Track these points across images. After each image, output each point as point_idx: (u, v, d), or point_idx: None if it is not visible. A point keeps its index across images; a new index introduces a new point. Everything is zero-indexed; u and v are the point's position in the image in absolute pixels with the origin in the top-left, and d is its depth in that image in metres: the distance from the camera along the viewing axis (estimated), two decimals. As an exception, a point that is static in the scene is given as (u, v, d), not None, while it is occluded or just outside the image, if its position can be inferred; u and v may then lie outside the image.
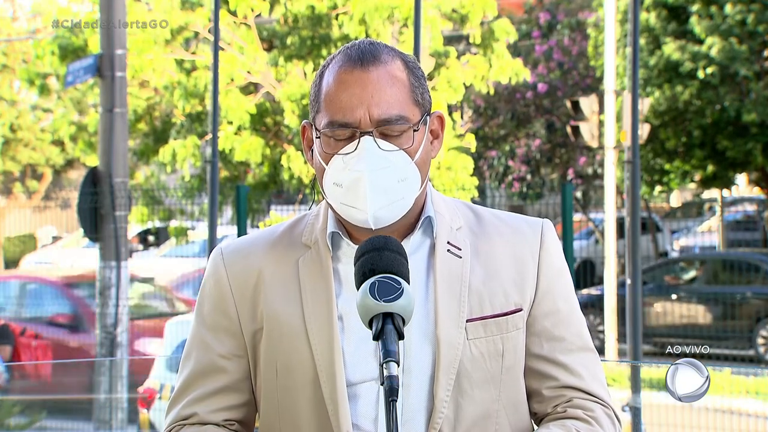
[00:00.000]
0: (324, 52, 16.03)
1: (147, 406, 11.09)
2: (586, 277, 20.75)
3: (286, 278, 2.61)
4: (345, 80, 2.53)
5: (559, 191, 10.25)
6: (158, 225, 17.80)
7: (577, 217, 23.74)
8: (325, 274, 2.58)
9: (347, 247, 2.60)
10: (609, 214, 17.90)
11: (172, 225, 17.25)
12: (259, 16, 16.73)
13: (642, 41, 20.47)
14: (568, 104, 19.25)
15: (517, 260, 2.62)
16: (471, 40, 16.73)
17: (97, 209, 11.32)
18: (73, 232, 30.00)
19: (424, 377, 2.53)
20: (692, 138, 21.33)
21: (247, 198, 11.55)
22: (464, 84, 16.32)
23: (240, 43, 16.40)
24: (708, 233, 27.10)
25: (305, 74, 16.22)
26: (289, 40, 16.35)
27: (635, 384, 8.37)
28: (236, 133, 16.21)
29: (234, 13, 16.06)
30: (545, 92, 24.68)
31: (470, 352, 2.54)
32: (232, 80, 16.18)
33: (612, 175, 17.82)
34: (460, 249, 2.60)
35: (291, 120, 15.69)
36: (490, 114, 25.56)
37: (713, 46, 19.78)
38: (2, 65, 32.96)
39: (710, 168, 21.92)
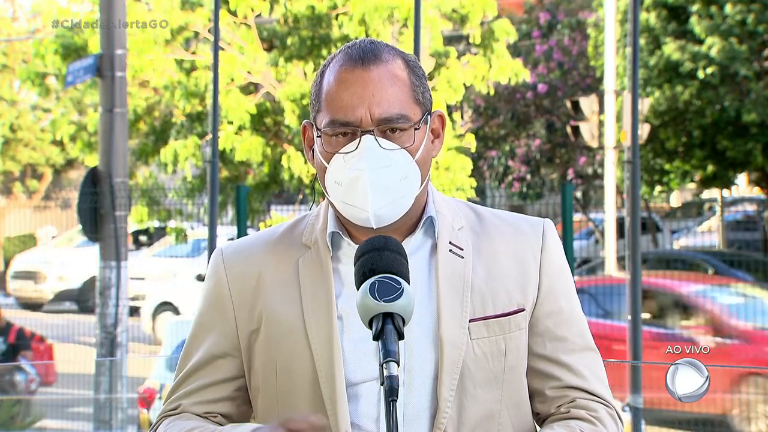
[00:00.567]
0: (324, 52, 16.03)
1: (147, 406, 11.09)
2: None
3: (286, 278, 2.61)
4: (346, 79, 2.53)
5: (559, 191, 10.24)
6: (156, 225, 17.80)
7: (577, 217, 23.74)
8: (325, 274, 2.58)
9: (347, 247, 2.60)
10: (609, 214, 17.92)
11: (171, 225, 17.24)
12: (259, 16, 16.73)
13: (642, 41, 20.47)
14: (568, 104, 19.27)
15: (519, 260, 2.62)
16: (471, 40, 16.73)
17: (97, 209, 11.32)
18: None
19: (427, 377, 2.53)
20: (692, 138, 21.34)
21: (247, 198, 11.54)
22: (464, 84, 16.31)
23: (240, 43, 16.40)
24: (708, 233, 27.10)
25: (305, 74, 16.22)
26: (289, 40, 16.34)
27: (635, 384, 8.37)
28: (236, 133, 16.20)
29: (234, 13, 16.05)
30: (545, 92, 24.68)
31: (473, 352, 2.54)
32: (232, 80, 16.17)
33: (612, 175, 17.84)
34: (462, 249, 2.60)
35: (291, 120, 15.69)
36: (490, 114, 25.57)
37: (713, 46, 19.79)
38: (2, 65, 32.98)
39: (710, 168, 21.93)
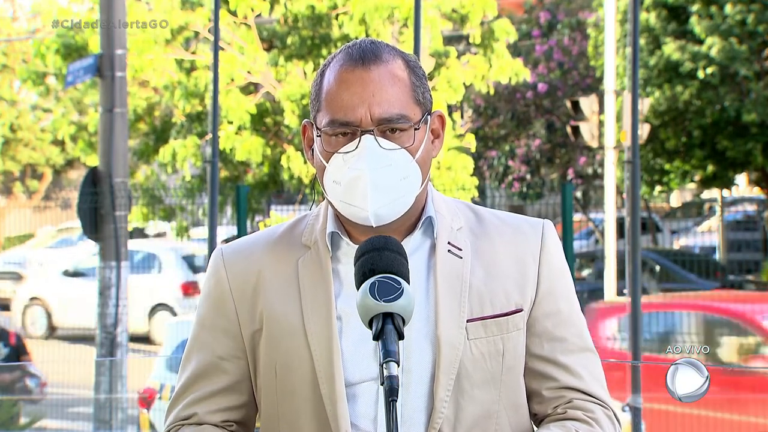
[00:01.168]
0: (324, 52, 16.04)
1: (147, 406, 11.09)
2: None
3: (285, 279, 2.61)
4: (346, 79, 2.53)
5: (559, 191, 10.24)
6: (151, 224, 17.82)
7: (577, 217, 23.74)
8: (324, 275, 2.58)
9: (347, 247, 2.60)
10: (609, 214, 17.91)
11: (173, 224, 17.26)
12: (259, 16, 16.74)
13: (642, 41, 20.47)
14: (568, 104, 19.26)
15: (518, 260, 2.62)
16: (471, 40, 16.73)
17: (97, 209, 11.31)
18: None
19: (424, 377, 2.53)
20: (692, 138, 21.34)
21: (247, 198, 11.54)
22: (464, 84, 16.32)
23: (240, 43, 16.40)
24: (708, 233, 27.10)
25: (305, 74, 16.22)
26: (289, 40, 16.35)
27: (635, 384, 8.37)
28: (236, 133, 16.21)
29: (234, 13, 16.06)
30: (545, 92, 24.69)
31: (471, 352, 2.54)
32: (232, 80, 16.18)
33: (612, 175, 17.84)
34: (461, 249, 2.60)
35: (291, 120, 15.69)
36: (490, 114, 25.57)
37: (713, 46, 19.79)
38: (2, 65, 32.99)
39: (710, 168, 21.94)
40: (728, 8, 19.74)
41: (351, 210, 2.53)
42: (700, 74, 20.17)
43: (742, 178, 27.81)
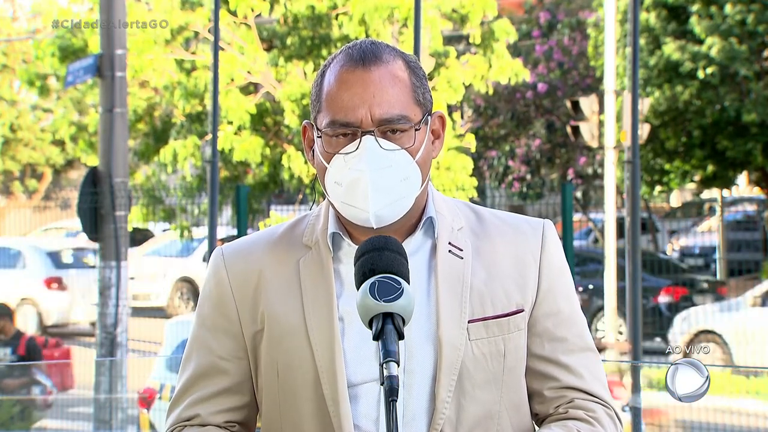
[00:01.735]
0: (324, 52, 16.04)
1: (147, 406, 11.08)
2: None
3: (286, 279, 2.60)
4: (346, 80, 2.53)
5: (559, 191, 10.24)
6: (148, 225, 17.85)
7: (577, 217, 23.74)
8: (326, 275, 2.58)
9: (348, 248, 2.60)
10: (609, 214, 17.91)
11: (173, 224, 17.26)
12: (259, 16, 16.73)
13: (642, 41, 20.48)
14: (568, 104, 19.25)
15: (519, 261, 2.62)
16: (471, 40, 16.74)
17: (97, 209, 11.32)
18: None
19: (425, 378, 2.53)
20: (692, 138, 21.34)
21: (247, 198, 11.55)
22: (464, 84, 16.32)
23: (240, 43, 16.40)
24: (708, 233, 27.10)
25: (305, 74, 16.22)
26: (289, 40, 16.35)
27: (635, 384, 8.37)
28: (236, 133, 16.21)
29: (234, 13, 16.06)
30: (545, 92, 24.68)
31: (472, 352, 2.54)
32: (232, 80, 16.18)
33: (612, 175, 17.83)
34: (462, 249, 2.60)
35: (291, 120, 15.69)
36: (490, 114, 25.57)
37: (713, 46, 19.79)
38: (2, 65, 32.98)
39: (710, 168, 21.94)
40: (728, 8, 19.74)
41: (352, 211, 2.53)
42: (700, 74, 20.17)
43: (742, 178, 27.81)
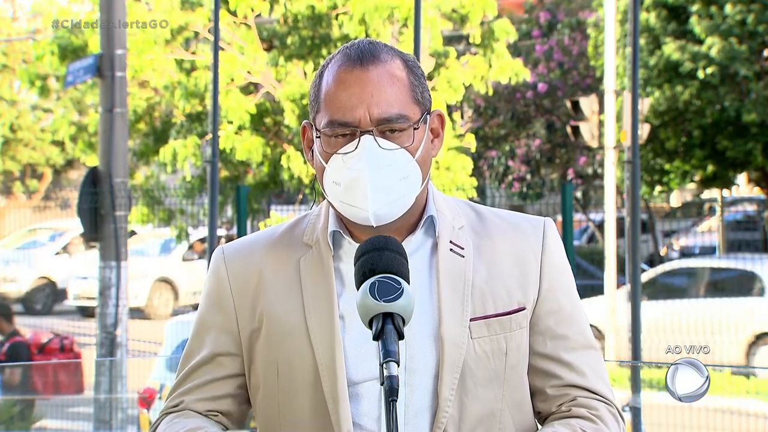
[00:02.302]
0: (324, 52, 16.04)
1: (147, 406, 11.08)
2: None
3: (287, 278, 2.61)
4: (345, 80, 2.53)
5: (559, 191, 10.24)
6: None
7: (577, 217, 23.75)
8: (326, 274, 2.58)
9: (348, 247, 2.60)
10: (609, 214, 17.90)
11: (172, 225, 17.26)
12: (259, 16, 16.73)
13: (642, 41, 20.47)
14: (568, 104, 19.25)
15: (520, 259, 2.62)
16: (471, 40, 16.73)
17: (97, 209, 11.32)
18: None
19: (428, 377, 2.53)
20: (692, 138, 21.33)
21: (247, 198, 11.54)
22: (464, 84, 16.32)
23: (240, 43, 16.40)
24: (708, 233, 27.09)
25: (305, 74, 16.22)
26: (289, 40, 16.35)
27: (635, 384, 8.37)
28: (236, 133, 16.21)
29: (234, 13, 16.05)
30: (545, 92, 24.67)
31: (474, 351, 2.54)
32: (232, 80, 16.18)
33: (612, 175, 17.82)
34: (463, 248, 2.60)
35: (291, 120, 15.69)
36: (490, 114, 25.56)
37: (713, 46, 19.78)
38: (2, 65, 32.97)
39: (710, 168, 21.92)
40: (728, 8, 19.73)
41: (351, 210, 2.53)
42: (700, 74, 20.16)
43: (742, 178, 27.79)
